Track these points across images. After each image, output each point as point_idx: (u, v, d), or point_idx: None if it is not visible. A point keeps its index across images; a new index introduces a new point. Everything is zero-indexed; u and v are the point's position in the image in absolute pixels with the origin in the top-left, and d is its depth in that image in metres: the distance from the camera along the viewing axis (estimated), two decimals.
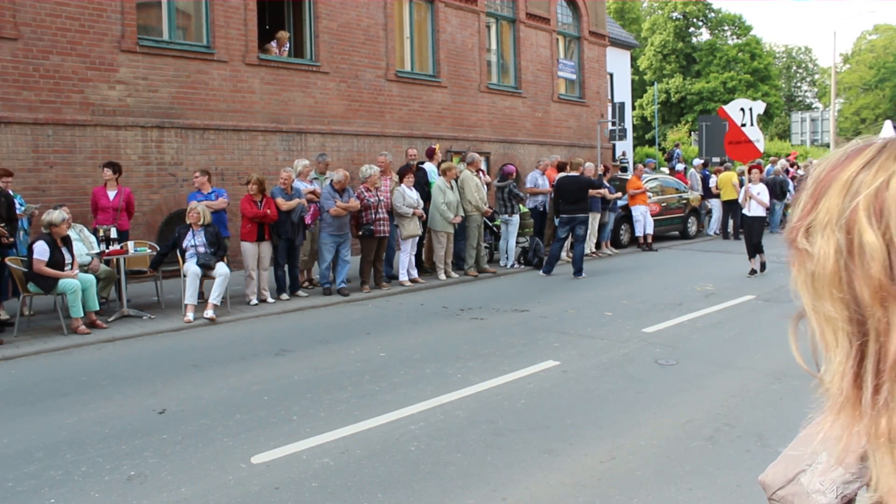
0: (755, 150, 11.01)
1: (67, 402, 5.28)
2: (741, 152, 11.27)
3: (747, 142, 11.06)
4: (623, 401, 5.10)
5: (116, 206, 8.81)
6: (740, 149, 11.22)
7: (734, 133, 11.17)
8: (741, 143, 11.11)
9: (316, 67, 12.73)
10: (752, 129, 10.96)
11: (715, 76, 39.80)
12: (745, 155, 11.27)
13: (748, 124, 10.97)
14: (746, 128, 11.00)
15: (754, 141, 11.00)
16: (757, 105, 11.18)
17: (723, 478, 3.77)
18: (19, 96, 9.34)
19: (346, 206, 9.33)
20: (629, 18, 43.02)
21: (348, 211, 9.37)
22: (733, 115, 11.21)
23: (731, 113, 11.29)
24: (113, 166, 8.87)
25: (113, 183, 8.81)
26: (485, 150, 15.57)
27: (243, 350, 6.80)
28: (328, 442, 4.37)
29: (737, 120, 11.12)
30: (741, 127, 11.05)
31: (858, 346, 0.64)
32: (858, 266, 0.62)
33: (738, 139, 11.12)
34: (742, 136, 11.09)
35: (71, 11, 9.76)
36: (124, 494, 3.71)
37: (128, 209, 9.05)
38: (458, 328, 7.61)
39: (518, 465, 4.00)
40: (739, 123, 11.06)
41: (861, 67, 50.39)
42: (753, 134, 11.00)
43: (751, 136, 11.05)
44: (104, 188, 8.79)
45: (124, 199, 8.93)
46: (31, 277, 7.30)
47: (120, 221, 8.77)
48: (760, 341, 6.74)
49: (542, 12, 17.75)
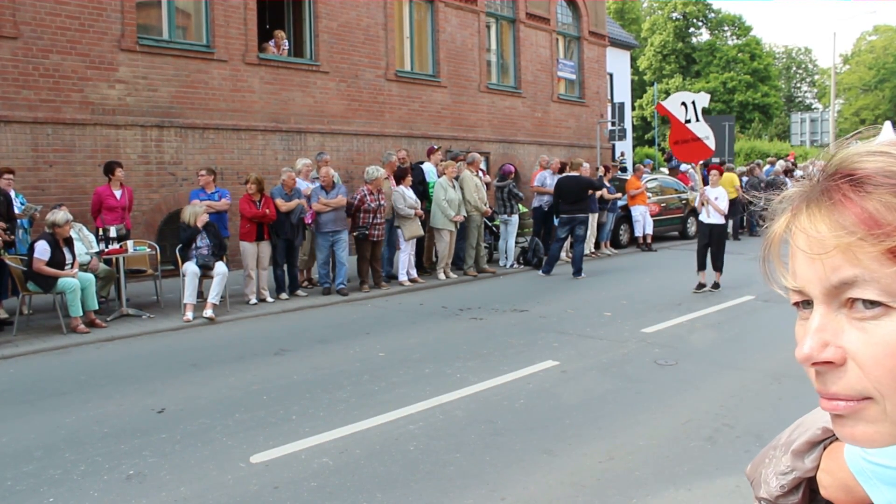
0: (705, 148, 9.51)
1: (66, 401, 5.28)
2: (690, 152, 9.68)
3: (695, 140, 9.46)
4: (622, 401, 5.10)
5: (124, 206, 8.80)
6: (688, 149, 9.61)
7: (678, 131, 9.60)
8: (688, 141, 9.53)
9: (316, 67, 12.73)
10: (698, 125, 9.46)
11: (715, 76, 39.83)
12: (694, 155, 9.74)
13: (693, 120, 9.43)
14: (692, 124, 9.43)
15: (703, 138, 9.45)
16: (700, 97, 9.63)
17: (722, 478, 3.77)
18: (19, 95, 9.33)
19: (328, 202, 9.34)
20: (629, 18, 43.03)
21: (332, 208, 9.36)
22: (674, 112, 9.53)
23: (672, 109, 9.57)
24: (121, 165, 8.88)
25: (117, 182, 8.80)
26: (484, 150, 15.57)
27: (242, 349, 6.80)
28: (327, 442, 4.37)
29: (679, 116, 9.48)
30: (685, 124, 9.47)
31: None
32: None
33: (684, 138, 9.54)
34: (688, 133, 9.48)
35: (71, 10, 9.75)
36: (123, 493, 3.71)
37: (129, 207, 9.05)
38: (458, 328, 7.61)
39: (517, 464, 4.00)
40: (683, 120, 9.46)
41: (861, 68, 50.40)
42: (701, 130, 9.48)
43: (698, 133, 9.46)
44: (109, 188, 8.74)
45: (129, 198, 8.94)
46: (31, 276, 7.30)
47: (126, 220, 8.77)
48: (760, 341, 6.75)
49: (542, 12, 17.75)
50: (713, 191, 9.49)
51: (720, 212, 9.35)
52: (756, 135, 39.61)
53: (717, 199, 9.35)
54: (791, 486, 0.76)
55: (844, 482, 0.69)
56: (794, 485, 0.76)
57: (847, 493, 0.69)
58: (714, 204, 9.31)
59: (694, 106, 9.41)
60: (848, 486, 0.69)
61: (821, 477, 0.74)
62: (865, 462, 0.66)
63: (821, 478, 0.74)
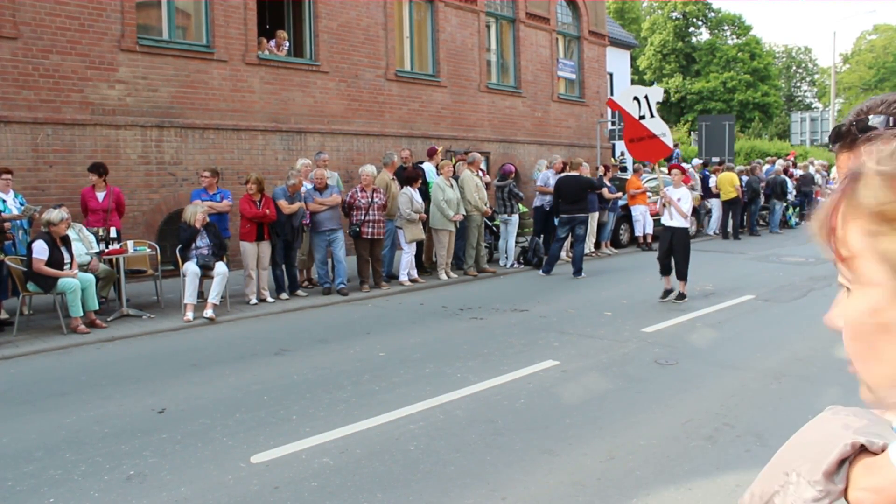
0: (662, 146, 8.85)
1: (67, 402, 5.28)
2: (646, 151, 9.00)
3: (651, 137, 8.81)
4: (622, 400, 5.10)
5: (106, 208, 8.72)
6: (644, 147, 8.93)
7: (632, 128, 8.92)
8: (643, 139, 8.85)
9: (316, 67, 12.73)
10: (653, 122, 8.79)
11: (715, 76, 39.83)
12: (651, 153, 9.05)
13: (647, 116, 8.79)
14: (646, 120, 8.79)
15: (659, 135, 8.79)
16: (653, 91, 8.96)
17: (722, 477, 3.77)
18: (19, 95, 9.33)
19: (323, 200, 9.37)
20: (629, 18, 43.03)
21: (327, 206, 9.39)
22: (626, 107, 8.84)
23: (624, 104, 8.88)
24: (97, 169, 8.70)
25: (101, 184, 8.74)
26: (484, 150, 15.56)
27: (243, 350, 6.80)
28: (328, 441, 4.37)
29: (632, 113, 8.82)
30: (640, 120, 8.80)
31: None
32: None
33: (639, 135, 8.88)
34: (643, 130, 8.83)
35: (70, 11, 9.75)
36: (124, 494, 3.71)
37: (118, 209, 8.94)
38: (458, 328, 7.61)
39: (517, 464, 4.00)
40: (637, 116, 8.80)
41: (861, 67, 50.39)
42: (657, 127, 8.83)
43: (654, 130, 8.81)
44: (92, 190, 8.70)
45: (114, 200, 8.83)
46: (31, 277, 7.30)
47: (111, 222, 8.69)
48: (760, 341, 6.74)
49: (542, 12, 17.75)
50: (675, 191, 8.76)
51: (683, 214, 8.64)
52: (756, 134, 39.57)
53: (680, 201, 8.66)
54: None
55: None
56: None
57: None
58: (677, 206, 8.63)
59: (647, 101, 8.79)
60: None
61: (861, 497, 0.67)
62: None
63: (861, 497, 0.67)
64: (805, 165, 21.10)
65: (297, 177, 9.25)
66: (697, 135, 24.03)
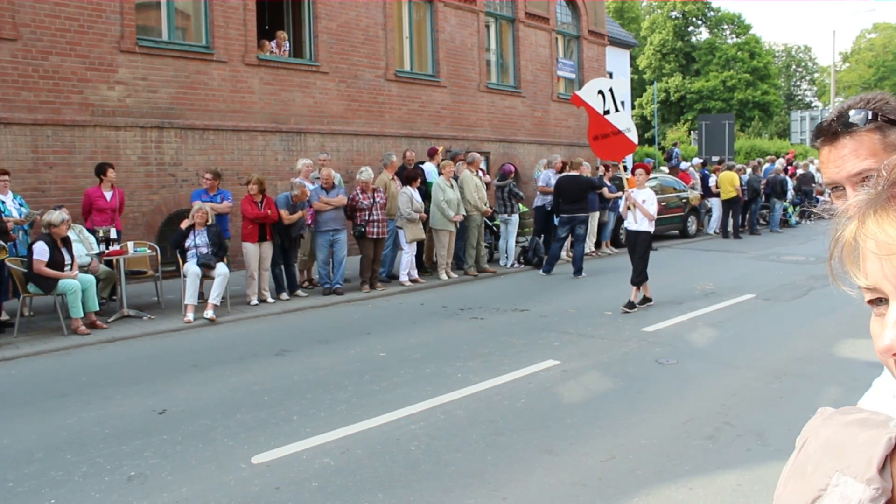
0: (627, 142, 8.30)
1: (67, 403, 5.28)
2: (611, 148, 8.41)
3: (616, 133, 8.24)
4: (623, 400, 5.10)
5: (114, 207, 8.80)
6: (609, 144, 8.34)
7: (597, 124, 8.30)
8: (608, 136, 8.28)
9: (315, 67, 12.73)
10: (618, 117, 8.27)
11: (714, 75, 39.83)
12: (616, 151, 8.48)
13: (612, 111, 8.22)
14: (611, 115, 8.23)
15: (624, 131, 8.27)
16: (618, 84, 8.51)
17: (723, 477, 3.77)
18: (18, 97, 9.33)
19: (329, 200, 9.38)
20: (628, 18, 43.03)
21: (332, 206, 9.40)
22: (591, 102, 8.23)
23: (588, 99, 8.25)
24: (112, 167, 8.89)
25: (108, 184, 8.79)
26: (484, 150, 15.57)
27: (243, 350, 6.80)
28: (328, 442, 4.37)
29: (597, 107, 8.21)
30: (604, 115, 8.22)
31: None
32: None
33: (604, 132, 8.28)
34: (608, 126, 8.24)
35: (70, 12, 9.75)
36: (125, 495, 3.71)
37: (120, 209, 9.03)
38: (458, 328, 7.61)
39: (518, 464, 4.00)
40: (601, 111, 8.20)
41: (860, 66, 50.39)
42: (622, 122, 8.28)
43: (619, 126, 8.25)
44: (100, 189, 8.75)
45: (119, 200, 8.91)
46: (31, 278, 7.30)
47: (116, 222, 8.76)
48: (760, 340, 6.74)
49: (542, 12, 17.75)
50: (640, 192, 8.26)
51: (649, 217, 8.17)
52: (756, 133, 39.59)
53: (645, 203, 8.18)
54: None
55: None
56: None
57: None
58: (642, 207, 8.15)
59: (612, 94, 8.30)
60: None
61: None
62: None
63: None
64: (805, 164, 21.10)
65: (301, 186, 9.23)
66: (697, 134, 24.05)
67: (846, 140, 1.14)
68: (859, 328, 5.04)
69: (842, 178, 1.16)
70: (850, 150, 1.14)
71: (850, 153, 1.14)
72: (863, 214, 0.67)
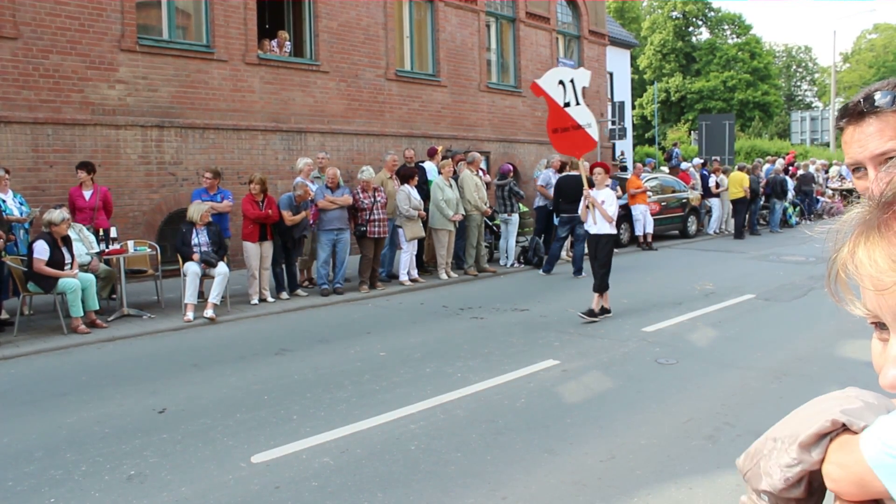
0: (587, 138, 7.72)
1: (67, 402, 5.28)
2: (570, 143, 7.83)
3: (576, 128, 7.67)
4: (623, 400, 5.10)
5: (93, 206, 8.72)
6: (568, 139, 7.77)
7: (557, 117, 7.75)
8: (568, 130, 7.71)
9: (316, 67, 12.73)
10: (579, 110, 7.68)
11: (715, 75, 39.81)
12: (575, 147, 7.85)
13: (573, 103, 7.64)
14: (571, 108, 7.65)
15: (584, 126, 7.68)
16: (580, 74, 7.79)
17: (723, 477, 3.77)
18: (19, 96, 9.33)
19: (333, 199, 9.38)
20: (629, 17, 43.01)
21: (337, 205, 9.40)
22: (551, 93, 7.69)
23: (549, 89, 7.71)
24: (87, 167, 8.74)
25: (88, 183, 8.74)
26: (484, 150, 15.57)
27: (243, 349, 6.80)
28: (328, 441, 4.37)
29: (557, 99, 7.67)
30: (564, 108, 7.66)
31: None
32: None
33: (563, 125, 7.72)
34: (567, 120, 7.67)
35: (71, 11, 9.75)
36: (124, 494, 3.71)
37: (105, 208, 8.90)
38: (458, 327, 7.60)
39: (518, 464, 4.00)
40: (562, 103, 7.65)
41: (861, 66, 50.38)
42: (582, 116, 7.68)
43: (579, 120, 7.66)
44: (80, 189, 8.72)
45: (100, 199, 8.80)
46: (31, 277, 7.30)
47: (98, 221, 8.66)
48: (760, 340, 6.74)
49: (542, 11, 17.75)
50: (600, 193, 7.83)
51: (608, 219, 7.74)
52: (756, 133, 39.59)
53: (605, 203, 7.75)
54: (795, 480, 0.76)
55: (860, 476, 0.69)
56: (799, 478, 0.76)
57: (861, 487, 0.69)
58: (601, 208, 7.72)
59: (573, 85, 7.71)
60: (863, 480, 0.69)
61: (829, 469, 0.73)
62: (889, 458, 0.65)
63: (829, 470, 0.73)
64: (805, 165, 21.11)
65: (303, 186, 9.21)
66: (697, 134, 24.05)
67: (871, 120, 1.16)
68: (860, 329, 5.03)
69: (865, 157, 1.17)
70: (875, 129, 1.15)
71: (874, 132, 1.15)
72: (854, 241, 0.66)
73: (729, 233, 16.90)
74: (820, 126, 35.60)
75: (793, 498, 0.78)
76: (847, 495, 0.72)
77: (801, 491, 0.78)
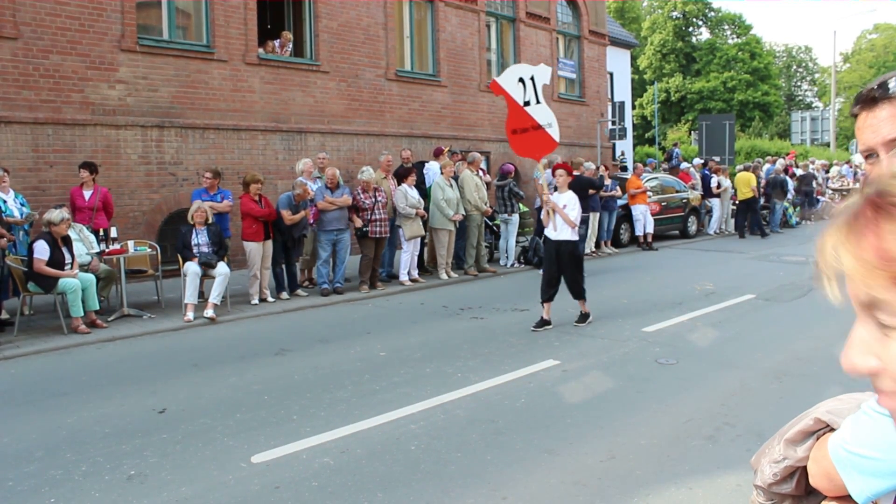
0: (548, 139, 7.38)
1: (67, 402, 5.28)
2: (530, 145, 7.48)
3: (536, 128, 7.35)
4: (623, 400, 5.10)
5: (92, 206, 8.72)
6: (528, 140, 7.44)
7: (516, 117, 7.43)
8: (528, 130, 7.40)
9: (316, 67, 12.73)
10: (539, 109, 7.36)
11: (715, 75, 39.80)
12: (535, 148, 7.51)
13: (533, 102, 7.33)
14: (531, 107, 7.34)
15: (545, 126, 7.34)
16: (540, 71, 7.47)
17: (723, 477, 3.77)
18: (19, 96, 9.33)
19: (333, 200, 9.38)
20: (629, 18, 43.01)
21: (337, 206, 9.40)
22: (510, 91, 7.39)
23: (508, 87, 7.42)
24: (89, 167, 8.77)
25: (90, 183, 8.74)
26: (485, 150, 15.56)
27: (243, 349, 6.80)
28: (328, 441, 4.37)
29: (517, 98, 7.37)
30: (524, 107, 7.35)
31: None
32: None
33: (523, 126, 7.41)
34: (527, 120, 7.36)
35: (71, 11, 9.75)
36: (124, 494, 3.71)
37: (105, 209, 8.90)
38: (458, 327, 7.60)
39: (518, 464, 4.00)
40: (521, 102, 7.35)
41: (861, 66, 50.37)
42: (542, 116, 7.35)
43: (539, 120, 7.33)
44: (81, 188, 8.73)
45: (100, 199, 8.79)
46: (32, 277, 7.30)
47: (97, 221, 8.65)
48: (760, 340, 6.74)
49: (542, 11, 17.74)
50: (561, 197, 7.36)
51: (571, 224, 7.24)
52: (756, 133, 39.58)
53: (566, 208, 7.25)
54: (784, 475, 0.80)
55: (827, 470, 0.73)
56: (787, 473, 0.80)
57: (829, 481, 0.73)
58: (562, 213, 7.23)
59: (533, 83, 7.37)
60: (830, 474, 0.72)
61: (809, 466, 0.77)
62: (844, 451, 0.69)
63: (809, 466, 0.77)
64: (805, 165, 21.10)
65: (303, 185, 9.22)
66: (698, 134, 24.04)
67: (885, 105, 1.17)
68: None
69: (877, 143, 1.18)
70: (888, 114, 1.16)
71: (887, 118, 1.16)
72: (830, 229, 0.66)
73: (729, 233, 16.91)
74: (820, 126, 35.57)
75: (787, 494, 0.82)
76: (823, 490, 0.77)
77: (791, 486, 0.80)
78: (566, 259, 7.27)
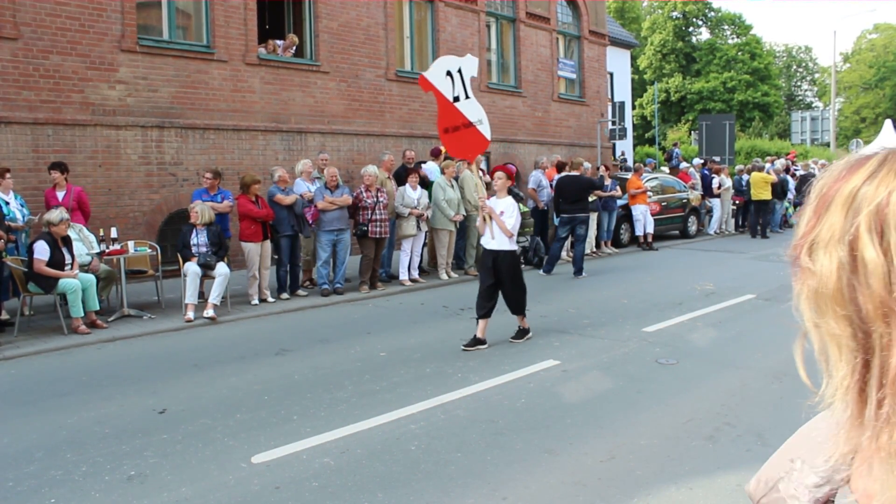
0: (480, 137, 6.91)
1: (68, 402, 5.28)
2: (462, 144, 6.95)
3: (467, 126, 6.83)
4: (623, 400, 5.10)
5: (66, 206, 8.63)
6: (460, 139, 6.90)
7: (447, 115, 6.87)
8: (459, 129, 6.85)
9: (316, 67, 12.73)
10: (468, 105, 6.86)
11: (715, 76, 39.78)
12: (468, 147, 7.02)
13: (462, 97, 6.81)
14: (461, 103, 6.81)
15: (475, 123, 6.85)
16: (467, 63, 6.88)
17: (723, 477, 3.77)
18: (19, 96, 9.33)
19: (334, 199, 9.38)
20: (629, 18, 43.01)
21: (337, 206, 9.40)
22: (439, 86, 6.82)
23: (436, 82, 6.84)
24: (59, 167, 8.61)
25: (62, 183, 8.61)
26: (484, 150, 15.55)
27: (244, 350, 6.80)
28: (328, 441, 4.37)
29: (446, 93, 6.80)
30: (454, 103, 6.80)
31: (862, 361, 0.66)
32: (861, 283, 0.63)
33: (454, 124, 6.86)
34: (458, 117, 6.83)
35: (71, 11, 9.75)
36: (124, 494, 3.71)
37: (81, 208, 8.73)
38: (459, 328, 7.60)
39: (518, 464, 4.00)
40: (451, 98, 6.80)
41: (861, 66, 50.37)
42: (472, 112, 6.87)
43: (469, 116, 6.84)
44: (53, 190, 8.58)
45: (74, 199, 8.64)
46: (32, 277, 7.30)
47: (73, 221, 8.61)
48: (760, 340, 6.74)
49: (542, 11, 17.74)
50: (499, 202, 6.76)
51: (507, 233, 6.58)
52: (756, 134, 39.59)
53: (504, 215, 6.61)
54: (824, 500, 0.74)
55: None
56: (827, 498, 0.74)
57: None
58: (499, 220, 6.58)
59: (461, 76, 6.82)
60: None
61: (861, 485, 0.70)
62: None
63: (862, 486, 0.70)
64: (805, 164, 21.10)
65: (281, 170, 9.28)
66: (698, 134, 24.04)
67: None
68: None
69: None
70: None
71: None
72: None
73: (729, 233, 16.91)
74: (820, 126, 35.56)
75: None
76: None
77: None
78: (504, 270, 6.65)
